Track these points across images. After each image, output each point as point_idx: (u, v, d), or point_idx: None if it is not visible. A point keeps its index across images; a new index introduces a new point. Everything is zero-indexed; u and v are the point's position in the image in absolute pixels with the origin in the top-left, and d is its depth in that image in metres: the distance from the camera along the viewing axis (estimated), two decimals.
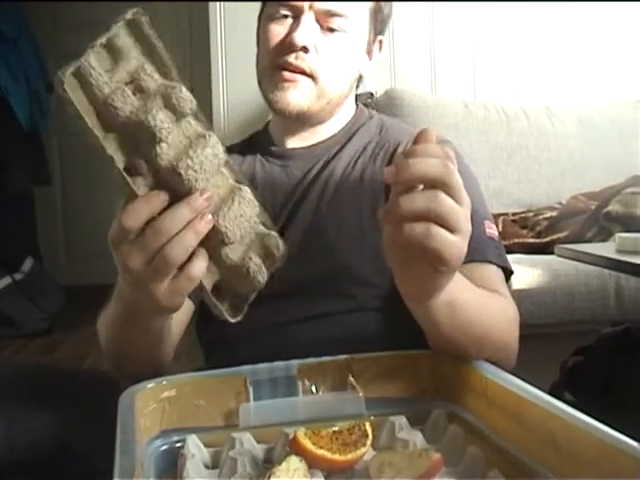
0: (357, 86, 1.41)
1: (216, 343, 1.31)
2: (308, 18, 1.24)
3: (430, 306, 0.88)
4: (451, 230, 0.77)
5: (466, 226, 0.79)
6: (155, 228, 0.77)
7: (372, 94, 2.77)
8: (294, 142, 1.35)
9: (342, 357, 0.96)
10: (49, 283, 4.27)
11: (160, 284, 0.81)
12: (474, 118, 2.90)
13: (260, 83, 1.31)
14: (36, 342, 3.86)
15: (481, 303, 1.00)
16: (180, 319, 1.22)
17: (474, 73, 3.24)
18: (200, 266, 0.81)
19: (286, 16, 1.26)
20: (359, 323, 1.18)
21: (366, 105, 1.47)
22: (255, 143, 1.41)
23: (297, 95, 1.25)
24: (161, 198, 0.78)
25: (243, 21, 1.54)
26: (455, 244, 0.78)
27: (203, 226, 0.79)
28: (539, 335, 1.16)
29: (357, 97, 1.44)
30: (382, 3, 1.33)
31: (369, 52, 1.36)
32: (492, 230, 1.19)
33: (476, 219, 1.17)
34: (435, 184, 0.76)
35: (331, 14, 1.25)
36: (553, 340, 1.77)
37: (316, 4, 1.24)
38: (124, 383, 1.18)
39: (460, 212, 0.77)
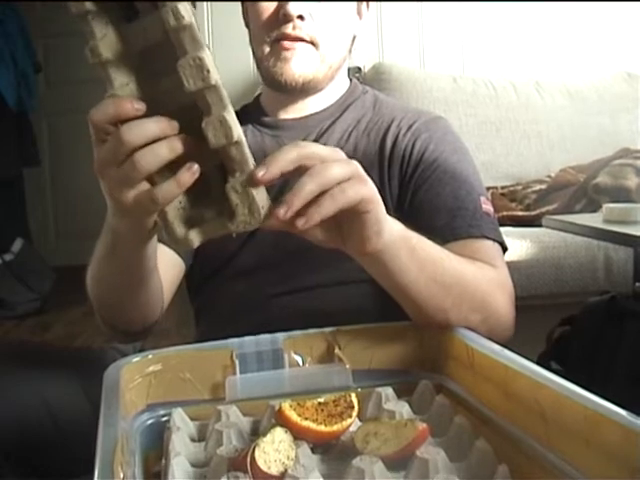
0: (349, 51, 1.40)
1: (204, 311, 1.31)
2: None
3: (387, 250, 0.88)
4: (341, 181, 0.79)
5: (340, 161, 0.81)
6: (130, 127, 0.74)
7: (360, 68, 2.76)
8: (287, 114, 1.35)
9: (328, 329, 0.96)
10: (39, 263, 4.27)
11: (126, 192, 0.77)
12: (463, 92, 2.90)
13: (258, 59, 1.30)
14: (27, 322, 3.86)
15: (445, 252, 1.00)
16: (169, 273, 1.22)
17: (462, 47, 3.24)
18: (171, 191, 0.76)
19: None
20: (345, 295, 1.19)
21: (353, 72, 1.47)
22: (246, 114, 1.40)
23: (301, 64, 1.24)
24: (135, 106, 0.74)
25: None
26: (354, 186, 0.80)
27: (178, 147, 0.76)
28: (528, 307, 1.16)
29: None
30: None
31: (359, 12, 1.35)
32: (487, 206, 1.19)
33: (472, 194, 1.18)
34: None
35: None
36: (542, 312, 1.77)
37: None
38: (114, 334, 1.19)
39: (329, 164, 0.80)
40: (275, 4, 1.24)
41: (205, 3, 3.14)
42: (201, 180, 0.77)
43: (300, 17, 1.23)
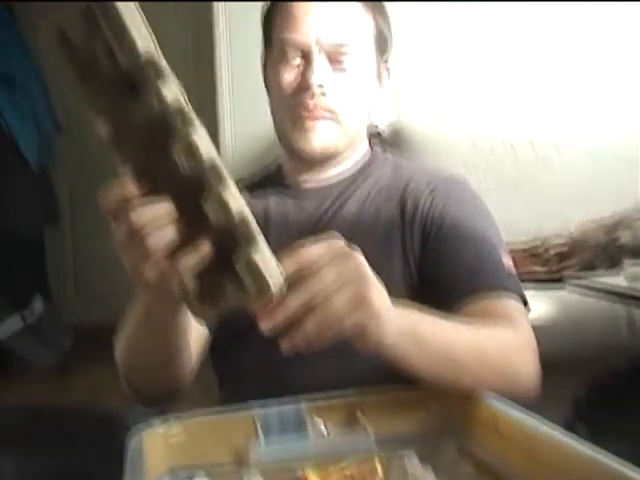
0: None
1: (227, 377, 1.31)
2: (319, 59, 1.25)
3: (391, 348, 0.89)
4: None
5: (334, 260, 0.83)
6: (139, 211, 0.77)
7: (379, 133, 2.77)
8: (309, 180, 1.36)
9: (351, 393, 0.96)
10: (59, 322, 4.27)
11: (146, 269, 0.80)
12: (481, 152, 2.91)
13: (278, 129, 1.32)
14: (47, 382, 3.85)
15: (455, 327, 1.00)
16: (195, 340, 1.21)
17: (480, 107, 3.25)
18: (191, 259, 0.78)
19: (296, 61, 1.27)
20: (368, 357, 1.18)
21: (372, 140, 1.48)
22: (267, 179, 1.42)
23: (322, 136, 1.26)
24: (140, 187, 0.77)
25: (250, 54, 1.55)
26: (351, 314, 0.82)
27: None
28: (549, 366, 1.15)
29: None
30: (382, 27, 1.34)
31: (379, 78, 1.36)
32: (508, 262, 1.20)
33: (492, 250, 1.19)
34: None
35: (339, 47, 1.26)
36: (565, 372, 1.75)
37: (323, 39, 1.24)
38: (138, 399, 1.18)
39: (319, 272, 0.82)
40: (295, 73, 1.26)
41: (225, 54, 3.19)
42: (214, 251, 0.78)
43: (320, 87, 1.24)
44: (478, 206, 1.29)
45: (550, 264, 2.47)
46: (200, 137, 0.73)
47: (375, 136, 2.67)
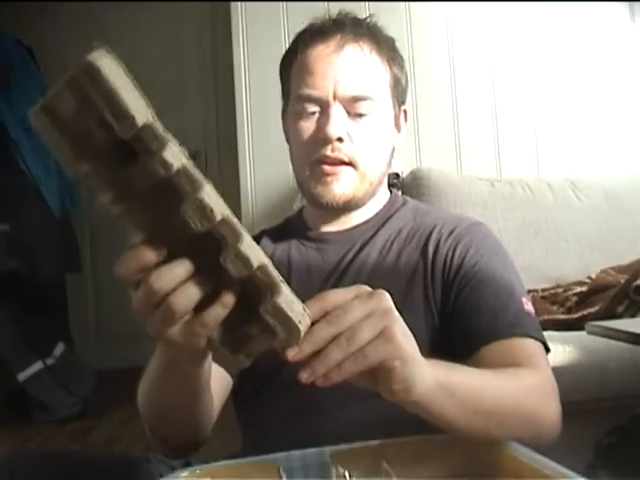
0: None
1: (250, 425, 1.31)
2: (336, 109, 1.27)
3: (420, 401, 0.87)
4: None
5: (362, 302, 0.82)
6: (158, 276, 0.75)
7: (398, 175, 2.79)
8: (330, 227, 1.38)
9: (375, 442, 0.96)
10: (80, 367, 4.28)
11: (170, 329, 0.79)
12: (500, 195, 2.91)
13: (299, 179, 1.35)
14: (68, 427, 3.85)
15: (483, 378, 1.00)
16: (217, 388, 1.22)
17: (498, 149, 3.27)
18: (217, 313, 0.77)
19: (314, 112, 1.29)
20: (391, 406, 1.18)
21: (393, 185, 1.50)
22: (289, 228, 1.44)
23: (342, 186, 1.28)
24: (157, 253, 0.75)
25: (270, 101, 1.59)
26: (377, 347, 0.80)
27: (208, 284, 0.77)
28: (571, 412, 1.14)
29: None
30: (398, 76, 1.37)
31: (397, 125, 1.39)
32: (529, 307, 1.21)
33: (513, 295, 1.20)
34: None
35: (356, 99, 1.28)
36: (586, 417, 1.74)
37: (340, 92, 1.27)
38: (164, 450, 1.18)
39: (348, 307, 0.81)
40: (313, 125, 1.29)
41: (245, 103, 3.23)
42: (238, 297, 0.78)
43: (339, 139, 1.27)
44: (499, 252, 1.30)
45: (571, 311, 2.47)
46: (209, 195, 0.71)
47: (394, 176, 2.69)
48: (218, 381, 1.23)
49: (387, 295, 0.84)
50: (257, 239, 1.38)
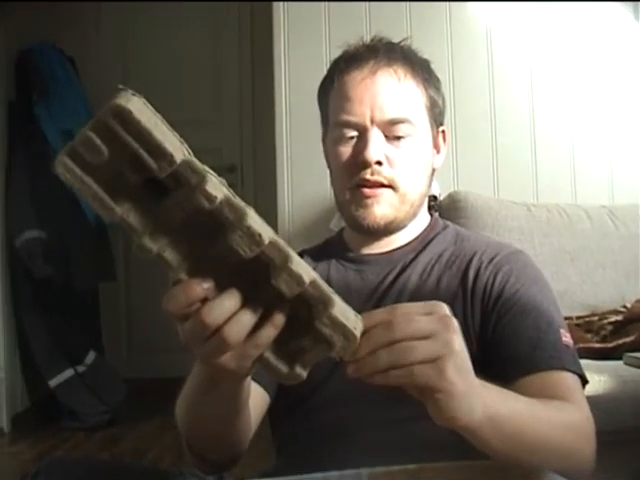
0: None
1: (286, 443, 1.31)
2: (374, 133, 1.28)
3: (469, 428, 0.86)
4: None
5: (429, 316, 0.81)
6: (209, 309, 0.75)
7: (436, 197, 2.80)
8: (370, 250, 1.39)
9: (412, 466, 0.95)
10: (111, 376, 4.31)
11: (223, 357, 0.79)
12: (537, 220, 2.90)
13: (340, 204, 1.36)
14: (97, 435, 3.88)
15: (531, 412, 0.99)
16: (254, 405, 1.20)
17: (536, 174, 3.27)
18: (269, 334, 0.77)
19: (352, 137, 1.31)
20: (428, 430, 1.18)
21: (430, 207, 1.50)
22: (329, 248, 1.45)
23: (382, 208, 1.29)
24: (204, 287, 0.75)
25: (309, 118, 1.60)
26: (426, 372, 0.79)
27: (259, 310, 0.77)
28: (608, 442, 1.14)
29: None
30: (435, 96, 1.38)
31: (436, 146, 1.40)
32: (567, 338, 1.20)
33: (552, 326, 1.20)
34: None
35: (392, 122, 1.29)
36: (623, 447, 1.73)
37: (377, 116, 1.29)
38: (202, 466, 1.19)
39: (413, 317, 0.80)
40: (352, 149, 1.30)
41: (285, 130, 3.25)
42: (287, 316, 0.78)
43: (378, 163, 1.28)
44: (539, 281, 1.30)
45: (606, 339, 2.45)
46: (254, 221, 0.71)
47: (432, 199, 2.69)
48: (256, 398, 1.24)
49: (456, 324, 0.81)
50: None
